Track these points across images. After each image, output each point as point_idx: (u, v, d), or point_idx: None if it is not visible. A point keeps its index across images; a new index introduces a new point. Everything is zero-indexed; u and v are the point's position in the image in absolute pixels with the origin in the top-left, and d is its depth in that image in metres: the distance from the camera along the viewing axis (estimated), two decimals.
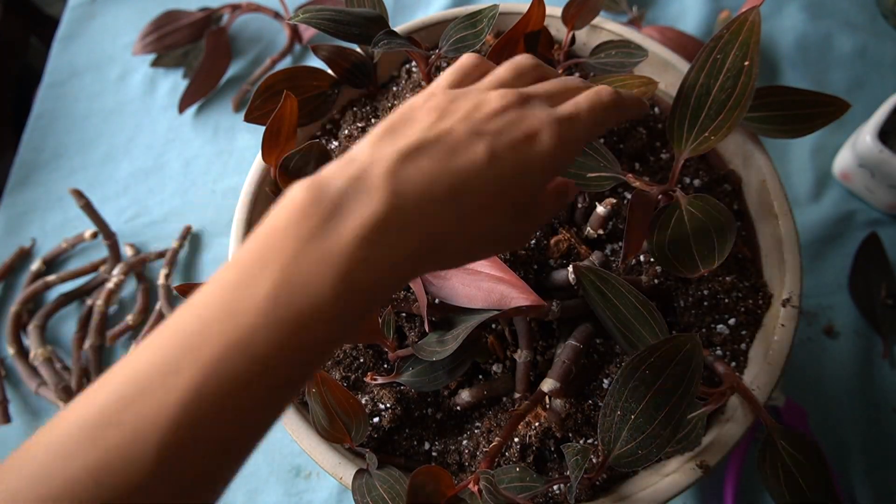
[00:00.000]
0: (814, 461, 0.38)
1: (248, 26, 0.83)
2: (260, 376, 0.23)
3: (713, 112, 0.39)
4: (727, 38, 0.38)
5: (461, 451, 0.42)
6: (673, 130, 0.40)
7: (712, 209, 0.38)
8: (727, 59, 0.39)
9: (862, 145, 0.63)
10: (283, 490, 0.58)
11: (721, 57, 0.39)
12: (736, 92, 0.39)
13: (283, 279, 0.24)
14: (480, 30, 0.43)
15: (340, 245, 0.24)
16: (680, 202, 0.39)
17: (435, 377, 0.39)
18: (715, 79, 0.39)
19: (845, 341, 0.61)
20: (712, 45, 0.39)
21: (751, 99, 0.38)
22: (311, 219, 0.25)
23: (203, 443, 0.23)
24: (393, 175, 0.26)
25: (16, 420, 0.62)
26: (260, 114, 0.45)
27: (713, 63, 0.39)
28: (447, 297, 0.39)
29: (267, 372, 0.23)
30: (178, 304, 0.66)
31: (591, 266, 0.39)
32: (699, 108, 0.40)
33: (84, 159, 0.76)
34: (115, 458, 0.22)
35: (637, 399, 0.34)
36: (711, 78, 0.39)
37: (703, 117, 0.40)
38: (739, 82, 0.38)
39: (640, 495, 0.39)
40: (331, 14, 0.42)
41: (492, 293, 0.38)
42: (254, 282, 0.24)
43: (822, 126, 0.44)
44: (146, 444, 0.22)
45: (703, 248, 0.37)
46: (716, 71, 0.39)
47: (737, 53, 0.38)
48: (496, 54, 0.42)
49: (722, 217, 0.38)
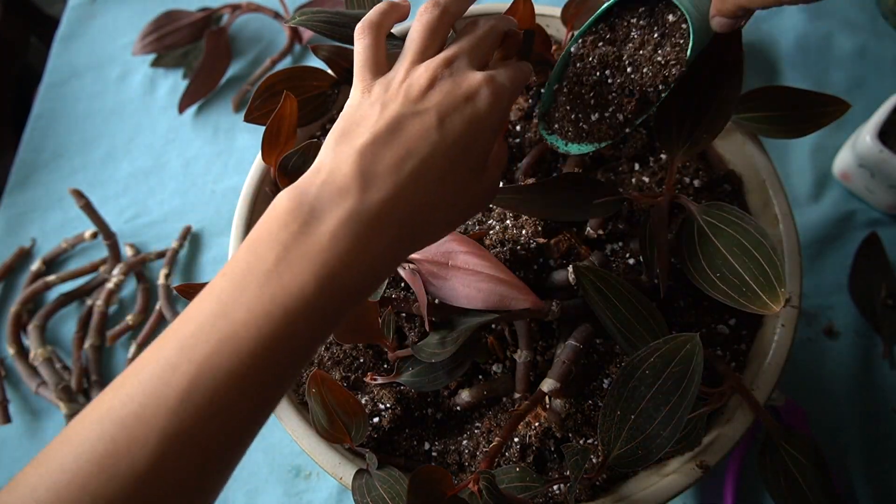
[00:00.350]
0: (814, 461, 0.38)
1: (248, 26, 0.83)
2: (250, 370, 0.25)
3: (706, 109, 0.40)
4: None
5: (461, 451, 0.42)
6: (662, 132, 0.40)
7: (731, 216, 0.38)
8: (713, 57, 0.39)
9: (862, 145, 0.63)
10: (283, 490, 0.58)
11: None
12: (729, 88, 0.39)
13: (270, 280, 0.26)
14: None
15: (321, 244, 0.27)
16: (694, 215, 0.39)
17: (435, 377, 0.39)
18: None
19: (845, 341, 0.61)
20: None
21: (739, 90, 0.39)
22: (292, 225, 0.27)
23: (199, 437, 0.25)
24: (358, 173, 0.28)
25: (16, 420, 0.62)
26: (260, 114, 0.45)
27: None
28: (447, 298, 0.39)
29: (256, 366, 0.25)
30: (177, 304, 0.66)
31: (591, 266, 0.39)
32: (691, 106, 0.40)
33: (84, 159, 0.76)
34: (122, 449, 0.24)
35: (637, 399, 0.34)
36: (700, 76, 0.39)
37: (695, 115, 0.40)
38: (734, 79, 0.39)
39: (640, 495, 0.39)
40: (328, 16, 0.42)
41: (492, 294, 0.38)
42: (243, 285, 0.26)
43: (822, 126, 0.44)
44: (148, 437, 0.24)
45: (753, 268, 0.37)
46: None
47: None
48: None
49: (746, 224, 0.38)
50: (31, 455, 0.61)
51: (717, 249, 0.37)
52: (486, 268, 0.39)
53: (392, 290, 0.43)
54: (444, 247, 0.40)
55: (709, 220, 0.38)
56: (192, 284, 0.38)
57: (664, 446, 0.33)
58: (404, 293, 0.43)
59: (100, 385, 0.62)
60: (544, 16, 0.53)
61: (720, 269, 0.37)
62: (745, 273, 0.36)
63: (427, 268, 0.40)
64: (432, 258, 0.40)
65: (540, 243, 0.44)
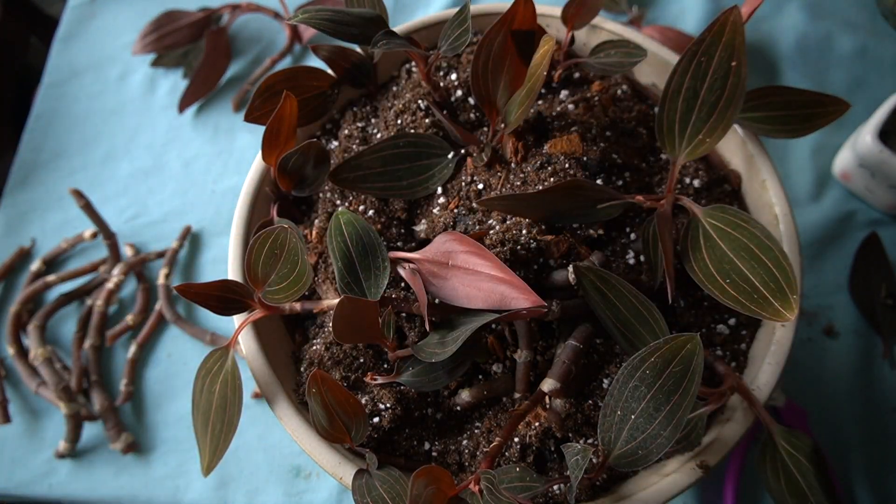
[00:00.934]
0: (814, 461, 0.38)
1: (248, 26, 0.83)
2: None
3: (704, 114, 0.39)
4: (710, 40, 0.38)
5: (461, 452, 0.42)
6: (664, 136, 0.40)
7: (736, 219, 0.38)
8: (713, 60, 0.38)
9: (862, 145, 0.63)
10: (283, 490, 0.58)
11: (706, 59, 0.38)
12: (726, 93, 0.38)
13: None
14: (466, 28, 0.43)
15: None
16: (698, 218, 0.39)
17: (435, 377, 0.39)
18: (701, 81, 0.39)
19: (845, 341, 0.61)
20: (694, 49, 0.38)
21: (742, 98, 0.38)
22: None
23: None
24: None
25: (16, 420, 0.62)
26: (260, 114, 0.45)
27: (698, 65, 0.39)
28: (447, 298, 0.39)
29: None
30: (177, 303, 0.66)
31: (591, 266, 0.39)
32: (688, 112, 0.39)
33: (84, 159, 0.76)
34: None
35: (637, 399, 0.34)
36: (697, 80, 0.39)
37: (693, 120, 0.39)
38: (728, 83, 0.38)
39: (640, 495, 0.39)
40: (330, 14, 0.42)
41: (492, 294, 0.38)
42: None
43: (822, 126, 0.44)
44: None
45: (763, 274, 0.36)
46: (701, 73, 0.39)
47: (722, 55, 0.38)
48: (479, 54, 0.41)
49: (752, 227, 0.37)
50: (31, 455, 0.61)
51: (725, 254, 0.37)
52: (487, 267, 0.39)
53: (392, 290, 0.43)
54: (444, 246, 0.40)
55: (714, 224, 0.38)
56: (192, 284, 0.38)
57: (664, 446, 0.33)
58: (404, 293, 0.43)
59: (99, 385, 0.62)
60: (545, 16, 0.53)
61: (729, 275, 0.37)
62: (754, 279, 0.36)
63: (427, 267, 0.40)
64: (432, 258, 0.40)
65: (540, 243, 0.44)
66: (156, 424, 0.62)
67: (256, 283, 0.39)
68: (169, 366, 0.64)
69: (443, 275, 0.39)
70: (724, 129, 0.39)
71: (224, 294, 0.39)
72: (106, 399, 0.61)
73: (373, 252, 0.39)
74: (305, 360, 0.45)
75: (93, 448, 0.61)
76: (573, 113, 0.47)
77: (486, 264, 0.39)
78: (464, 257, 0.39)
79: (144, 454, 0.61)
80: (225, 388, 0.39)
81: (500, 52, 0.41)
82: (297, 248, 0.37)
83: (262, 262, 0.38)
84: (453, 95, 0.50)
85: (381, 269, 0.39)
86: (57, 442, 0.61)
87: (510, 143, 0.45)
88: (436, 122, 0.47)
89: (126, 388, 0.62)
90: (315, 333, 0.46)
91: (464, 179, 0.45)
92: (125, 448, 0.60)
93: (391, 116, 0.48)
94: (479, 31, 0.54)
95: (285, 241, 0.38)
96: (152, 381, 0.64)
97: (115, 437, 0.60)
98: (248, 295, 0.40)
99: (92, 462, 0.60)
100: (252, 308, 0.41)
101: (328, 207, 0.48)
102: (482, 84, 0.42)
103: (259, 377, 0.43)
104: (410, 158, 0.45)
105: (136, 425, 0.62)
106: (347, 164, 0.43)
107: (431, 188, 0.45)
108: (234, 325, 0.52)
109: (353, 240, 0.40)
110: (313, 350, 0.44)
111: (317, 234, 0.47)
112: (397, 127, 0.48)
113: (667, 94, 0.39)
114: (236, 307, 0.40)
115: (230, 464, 0.59)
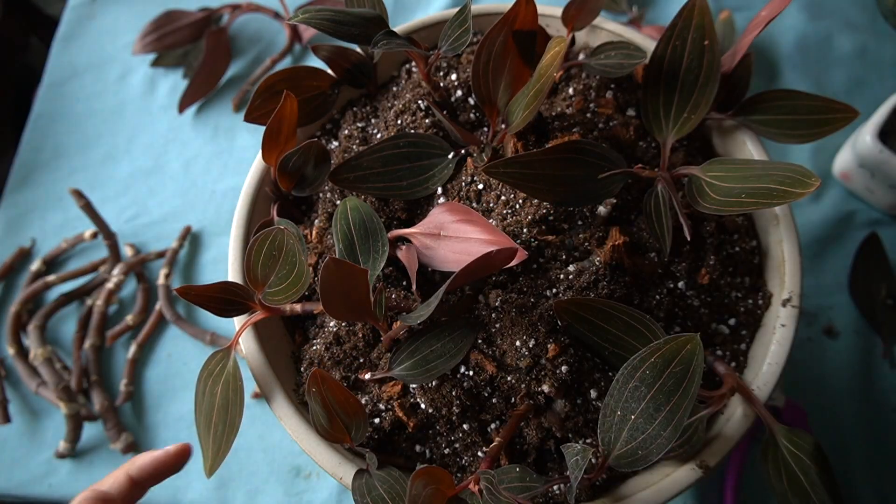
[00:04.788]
0: (816, 459, 0.38)
1: (248, 26, 0.83)
2: None
3: (686, 93, 0.42)
4: (681, 24, 0.42)
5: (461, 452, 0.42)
6: (650, 121, 0.42)
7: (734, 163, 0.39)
8: (686, 43, 0.42)
9: (862, 145, 0.63)
10: (283, 490, 0.58)
11: (680, 43, 0.42)
12: (703, 70, 0.42)
13: None
14: (467, 28, 0.43)
15: None
16: (698, 176, 0.40)
17: (427, 370, 0.39)
18: (678, 63, 0.42)
19: (845, 341, 0.61)
20: (668, 34, 0.42)
21: (719, 72, 0.42)
22: None
23: None
24: None
25: (16, 420, 0.62)
26: (260, 114, 0.45)
27: (673, 50, 0.42)
28: (439, 266, 0.40)
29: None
30: (177, 304, 0.66)
31: (570, 300, 0.38)
32: (671, 94, 0.42)
33: (84, 159, 0.76)
34: None
35: (637, 399, 0.34)
36: (675, 63, 0.42)
37: (676, 100, 0.42)
38: (704, 60, 0.42)
39: (640, 495, 0.39)
40: (330, 14, 0.42)
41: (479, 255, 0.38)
42: None
43: (829, 133, 0.44)
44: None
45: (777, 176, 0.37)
46: (677, 56, 0.42)
47: (694, 36, 0.42)
48: (480, 54, 0.41)
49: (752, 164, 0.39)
50: (31, 455, 0.61)
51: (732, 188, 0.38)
52: (477, 232, 0.39)
53: (392, 290, 0.43)
54: (437, 218, 0.41)
55: (713, 174, 0.39)
56: (192, 286, 0.38)
57: (664, 447, 0.33)
58: (404, 293, 0.43)
59: (99, 385, 0.62)
60: (545, 16, 0.53)
61: (740, 194, 0.37)
62: (769, 184, 0.36)
63: (421, 241, 0.41)
64: (426, 231, 0.41)
65: (541, 243, 0.44)
66: (156, 424, 0.62)
67: (256, 285, 0.39)
68: (169, 366, 0.64)
69: (434, 245, 0.40)
70: (707, 105, 0.41)
71: (224, 296, 0.39)
72: (106, 399, 0.61)
73: (373, 235, 0.40)
74: (305, 360, 0.45)
75: (93, 448, 0.61)
76: (574, 113, 0.47)
77: (476, 230, 0.39)
78: (455, 226, 0.40)
79: None
80: (227, 390, 0.39)
81: (501, 53, 0.41)
82: (295, 249, 0.37)
83: (261, 264, 0.38)
84: (453, 95, 0.50)
85: (381, 251, 0.40)
86: (57, 442, 0.61)
87: (511, 144, 0.45)
88: (436, 123, 0.47)
89: (126, 388, 0.62)
90: (315, 334, 0.46)
91: (464, 180, 0.45)
92: (125, 448, 0.60)
93: (391, 116, 0.48)
94: (479, 32, 0.54)
95: (283, 242, 0.37)
96: (152, 381, 0.64)
97: (115, 437, 0.60)
98: (249, 296, 0.40)
99: (92, 462, 0.60)
100: (253, 309, 0.41)
101: (328, 207, 0.48)
102: (483, 84, 0.42)
103: (259, 377, 0.43)
104: (410, 159, 0.45)
105: (136, 425, 0.62)
106: (347, 164, 0.43)
107: (431, 188, 0.45)
108: (234, 325, 0.52)
109: (356, 223, 0.40)
110: (313, 350, 0.44)
111: (317, 234, 0.47)
112: (397, 127, 0.48)
113: (648, 82, 0.42)
114: (237, 309, 0.40)
115: (230, 464, 0.59)
